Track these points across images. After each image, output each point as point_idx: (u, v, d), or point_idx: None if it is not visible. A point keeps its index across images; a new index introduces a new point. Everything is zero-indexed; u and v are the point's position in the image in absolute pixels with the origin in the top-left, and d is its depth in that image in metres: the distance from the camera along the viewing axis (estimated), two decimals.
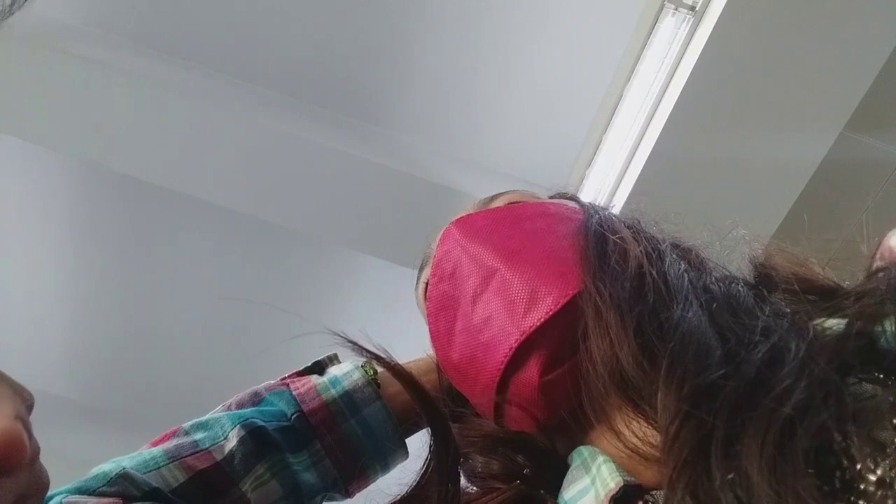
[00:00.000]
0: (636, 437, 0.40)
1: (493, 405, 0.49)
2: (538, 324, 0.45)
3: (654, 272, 0.44)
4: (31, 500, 0.30)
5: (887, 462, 0.28)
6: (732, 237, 0.52)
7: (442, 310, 0.53)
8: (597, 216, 0.52)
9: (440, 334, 0.54)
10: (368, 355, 0.54)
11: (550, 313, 0.45)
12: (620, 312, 0.41)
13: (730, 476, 0.31)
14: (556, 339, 0.45)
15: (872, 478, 0.28)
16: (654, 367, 0.38)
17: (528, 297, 0.46)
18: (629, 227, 0.51)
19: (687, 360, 0.36)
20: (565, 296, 0.45)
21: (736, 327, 0.38)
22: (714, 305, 0.41)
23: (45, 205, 2.11)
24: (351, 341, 0.54)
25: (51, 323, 2.33)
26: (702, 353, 0.37)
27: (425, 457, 0.50)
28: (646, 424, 0.40)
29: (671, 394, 0.35)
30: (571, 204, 0.60)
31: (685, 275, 0.44)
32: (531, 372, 0.45)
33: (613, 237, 0.48)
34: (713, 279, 0.45)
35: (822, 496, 0.28)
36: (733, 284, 0.45)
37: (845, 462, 0.29)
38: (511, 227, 0.53)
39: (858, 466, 0.28)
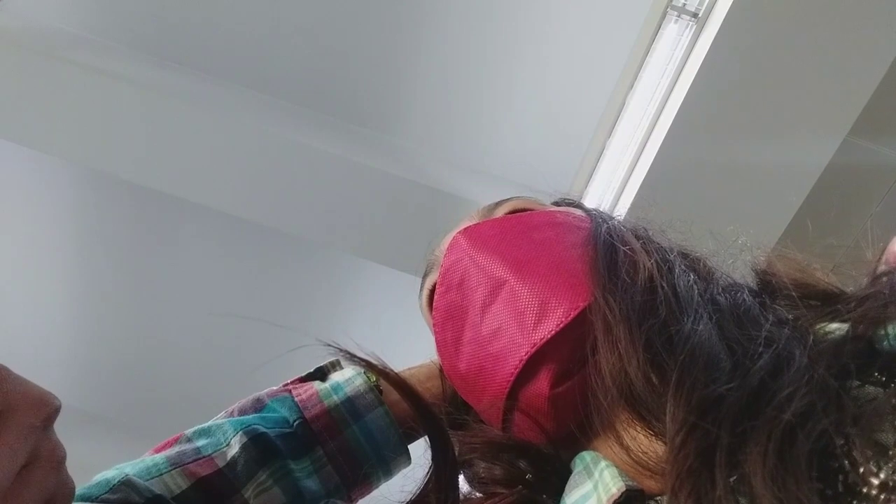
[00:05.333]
0: (642, 450, 0.39)
1: (500, 415, 0.49)
2: (548, 336, 0.44)
3: (664, 285, 0.44)
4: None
5: (890, 465, 0.28)
6: (736, 244, 0.52)
7: (449, 319, 0.53)
8: (605, 225, 0.52)
9: (447, 344, 0.53)
10: (361, 364, 0.54)
11: (561, 326, 0.44)
12: (630, 326, 0.41)
13: (733, 483, 0.30)
14: (567, 351, 0.45)
15: (875, 481, 0.28)
16: (662, 380, 0.38)
17: (538, 308, 0.45)
18: (638, 238, 0.51)
19: (696, 372, 0.36)
20: (575, 308, 0.44)
21: (742, 339, 0.38)
22: (721, 317, 0.41)
23: (50, 212, 2.12)
24: (343, 350, 0.54)
25: (55, 329, 2.34)
26: (711, 365, 0.37)
27: (428, 465, 0.50)
28: (653, 438, 0.40)
29: (680, 405, 0.35)
30: (577, 211, 0.60)
31: (694, 287, 0.44)
32: (541, 384, 0.45)
33: (624, 248, 0.48)
34: (720, 290, 0.45)
35: (824, 501, 0.28)
36: (739, 294, 0.44)
37: (848, 466, 0.29)
38: (520, 236, 0.52)
39: (861, 470, 0.28)
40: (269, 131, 1.63)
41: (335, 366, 0.62)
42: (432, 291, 0.57)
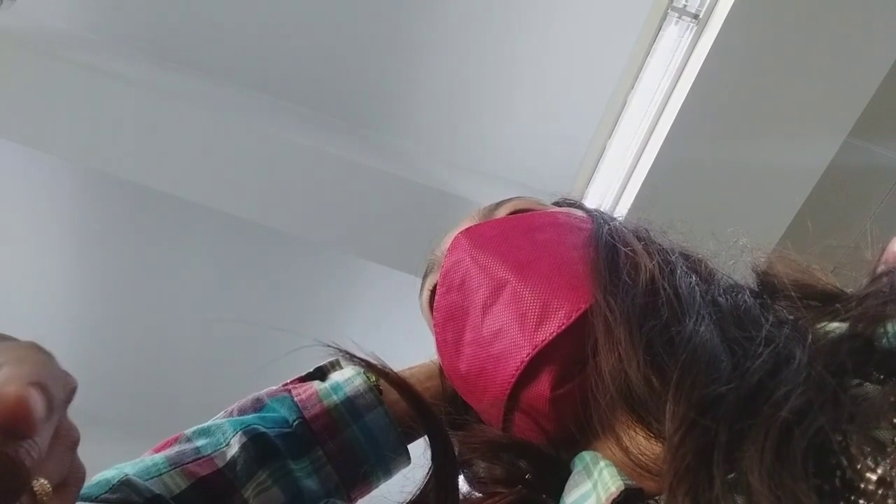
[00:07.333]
0: (642, 451, 0.40)
1: (501, 416, 0.49)
2: (550, 338, 0.44)
3: (666, 286, 0.44)
4: (71, 488, 0.31)
5: (888, 461, 0.28)
6: (736, 245, 0.52)
7: (450, 320, 0.53)
8: (607, 226, 0.52)
9: (447, 344, 0.53)
10: (360, 364, 0.54)
11: (562, 327, 0.44)
12: (630, 328, 0.41)
13: (730, 481, 0.31)
14: (568, 353, 0.45)
15: (873, 477, 0.28)
16: (662, 382, 0.38)
17: (539, 310, 0.45)
18: (640, 239, 0.51)
19: (697, 373, 0.36)
20: (577, 310, 0.44)
21: (742, 339, 0.38)
22: (722, 318, 0.41)
23: (49, 212, 2.12)
24: (342, 350, 0.54)
25: (54, 329, 2.33)
26: (711, 366, 0.37)
27: (428, 465, 0.50)
28: (652, 439, 0.40)
29: (679, 404, 0.35)
30: (578, 212, 0.60)
31: (696, 288, 0.44)
32: (542, 386, 0.45)
33: (625, 249, 0.48)
34: (721, 291, 0.45)
35: (821, 497, 0.28)
36: (740, 295, 0.44)
37: (845, 462, 0.29)
38: (521, 237, 0.52)
39: (858, 466, 0.28)
40: (269, 131, 1.63)
41: (335, 365, 0.62)
42: (433, 292, 0.57)
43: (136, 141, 1.64)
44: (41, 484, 0.28)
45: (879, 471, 0.28)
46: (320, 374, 0.61)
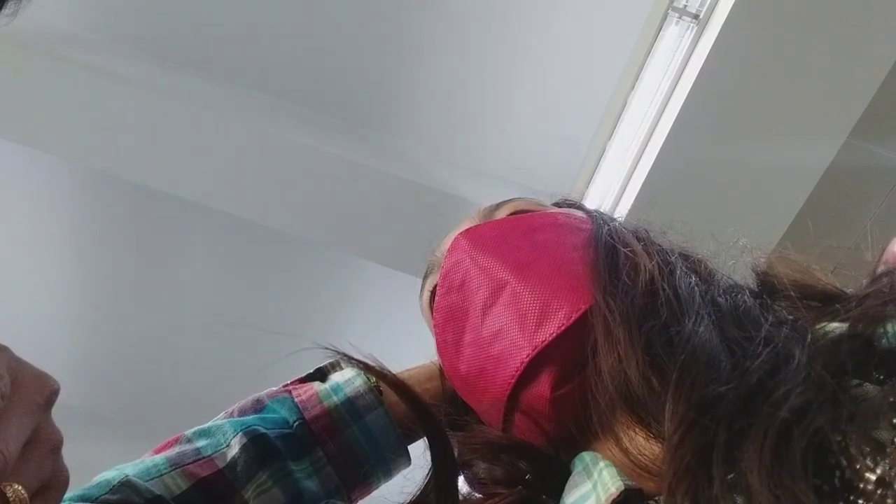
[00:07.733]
0: (641, 452, 0.40)
1: (501, 416, 0.49)
2: (550, 339, 0.45)
3: (665, 287, 0.44)
4: (53, 493, 0.31)
5: (887, 461, 0.28)
6: (736, 245, 0.52)
7: (450, 321, 0.53)
8: (607, 227, 0.52)
9: (447, 345, 0.53)
10: (359, 366, 0.54)
11: (562, 328, 0.44)
12: (629, 328, 0.41)
13: (730, 480, 0.31)
14: (568, 353, 0.45)
15: (872, 477, 0.28)
16: (662, 382, 0.38)
17: (539, 311, 0.46)
18: (639, 239, 0.51)
19: (696, 372, 0.36)
20: (577, 311, 0.45)
21: (742, 340, 0.38)
22: (722, 319, 0.41)
23: (49, 212, 2.12)
24: (341, 353, 0.54)
25: (55, 329, 2.33)
26: (711, 366, 0.37)
27: (428, 466, 0.50)
28: (652, 440, 0.40)
29: (679, 404, 0.35)
30: (578, 213, 0.60)
31: (695, 288, 0.44)
32: (542, 387, 0.45)
33: (625, 250, 0.48)
34: (721, 291, 0.45)
35: (820, 497, 0.28)
36: (739, 295, 0.45)
37: (844, 462, 0.29)
38: (521, 238, 0.52)
39: (858, 466, 0.28)
40: (269, 131, 1.63)
41: (335, 366, 0.62)
42: (433, 293, 0.57)
43: (136, 141, 1.64)
44: (14, 490, 0.27)
45: (879, 471, 0.28)
46: (320, 374, 0.61)
